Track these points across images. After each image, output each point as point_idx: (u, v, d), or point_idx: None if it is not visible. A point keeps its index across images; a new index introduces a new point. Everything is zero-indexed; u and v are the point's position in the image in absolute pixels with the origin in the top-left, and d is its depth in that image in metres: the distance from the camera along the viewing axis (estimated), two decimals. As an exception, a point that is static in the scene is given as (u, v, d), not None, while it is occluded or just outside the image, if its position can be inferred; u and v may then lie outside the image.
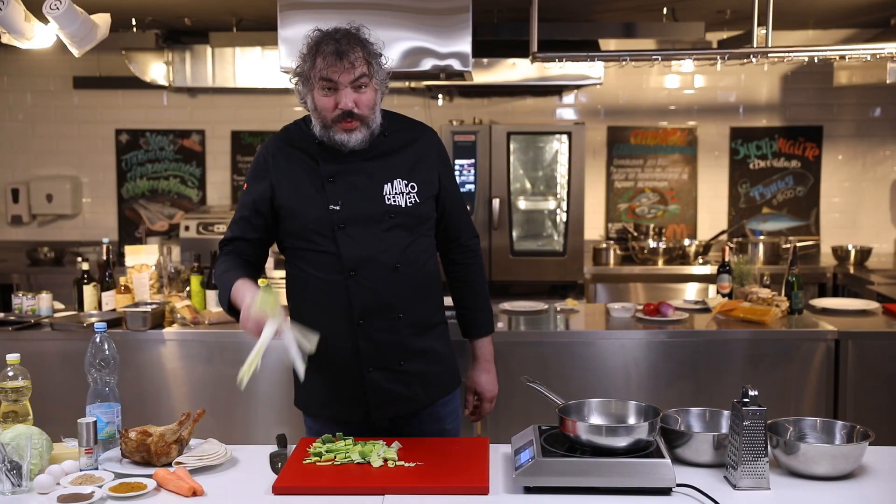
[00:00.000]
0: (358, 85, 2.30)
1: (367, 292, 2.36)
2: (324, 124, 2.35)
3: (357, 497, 1.99)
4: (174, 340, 3.78)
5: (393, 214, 2.37)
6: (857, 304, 4.29)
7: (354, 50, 2.30)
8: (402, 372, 2.43)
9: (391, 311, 2.38)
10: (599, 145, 6.21)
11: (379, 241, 2.36)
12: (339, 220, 2.35)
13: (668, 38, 5.52)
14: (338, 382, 2.43)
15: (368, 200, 2.37)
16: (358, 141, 2.35)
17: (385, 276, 2.36)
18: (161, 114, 6.34)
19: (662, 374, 3.78)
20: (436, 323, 2.51)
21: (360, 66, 2.29)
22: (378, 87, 2.36)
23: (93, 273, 4.10)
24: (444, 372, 2.53)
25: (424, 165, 2.45)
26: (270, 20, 5.10)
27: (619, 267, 5.68)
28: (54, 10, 3.20)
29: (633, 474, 1.98)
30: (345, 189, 2.37)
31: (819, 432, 2.22)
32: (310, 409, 2.52)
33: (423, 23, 3.86)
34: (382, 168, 2.40)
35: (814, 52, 4.20)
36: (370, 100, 2.33)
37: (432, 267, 2.49)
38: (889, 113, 6.12)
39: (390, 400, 2.43)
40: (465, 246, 2.60)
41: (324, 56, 2.29)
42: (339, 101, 2.30)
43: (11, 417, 2.26)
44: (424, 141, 2.49)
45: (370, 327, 2.38)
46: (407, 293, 2.40)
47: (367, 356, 2.40)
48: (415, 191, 2.40)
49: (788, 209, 6.20)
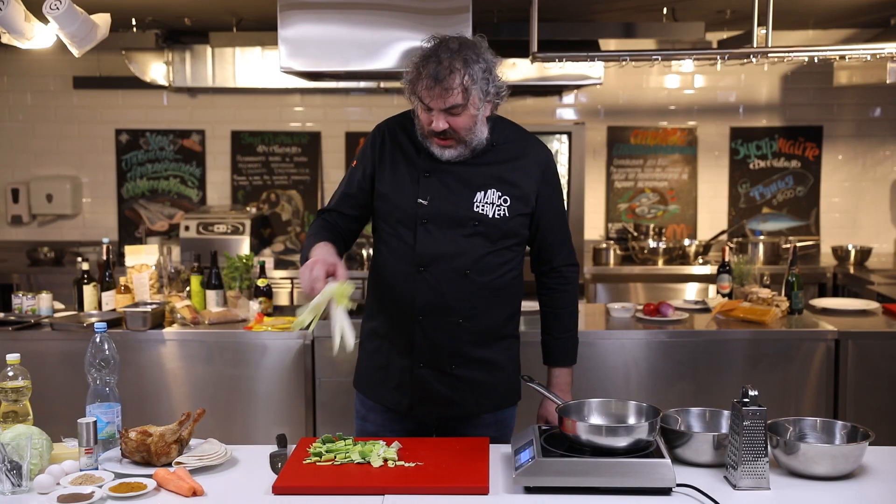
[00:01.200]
0: (452, 112, 2.29)
1: (431, 290, 2.38)
2: (421, 134, 2.39)
3: (357, 497, 1.99)
4: (174, 340, 3.78)
5: (477, 222, 2.38)
6: (857, 304, 4.29)
7: (452, 77, 2.25)
8: (453, 376, 2.43)
9: (452, 314, 2.39)
10: (599, 145, 6.21)
11: (456, 244, 2.37)
12: (423, 214, 2.38)
13: (668, 38, 5.52)
14: (390, 369, 2.47)
15: (457, 203, 2.38)
16: (452, 156, 2.37)
17: (453, 279, 2.37)
18: (161, 114, 6.34)
19: (662, 374, 3.78)
20: (504, 336, 2.50)
21: (454, 97, 2.27)
22: (478, 110, 2.32)
23: (93, 273, 4.10)
24: (500, 384, 2.51)
25: (524, 181, 2.43)
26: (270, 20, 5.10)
27: (619, 267, 5.68)
28: (54, 10, 3.20)
29: (633, 474, 1.98)
30: (437, 187, 2.39)
31: (819, 432, 2.22)
32: (361, 387, 2.56)
33: (423, 23, 3.86)
34: (479, 175, 2.40)
35: (814, 52, 4.20)
36: (466, 123, 2.31)
37: (510, 281, 2.46)
38: (889, 113, 6.12)
39: (435, 399, 2.44)
40: (558, 271, 2.57)
41: (423, 77, 2.28)
42: (433, 122, 2.31)
43: (11, 417, 2.26)
44: (531, 157, 2.46)
45: (428, 325, 2.40)
46: (472, 301, 2.40)
47: (421, 352, 2.42)
48: (506, 204, 2.40)
49: (788, 209, 6.20)
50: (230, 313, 3.92)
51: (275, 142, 6.29)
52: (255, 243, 5.70)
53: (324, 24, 3.88)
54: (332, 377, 3.79)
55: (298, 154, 6.27)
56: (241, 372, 3.78)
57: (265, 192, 6.28)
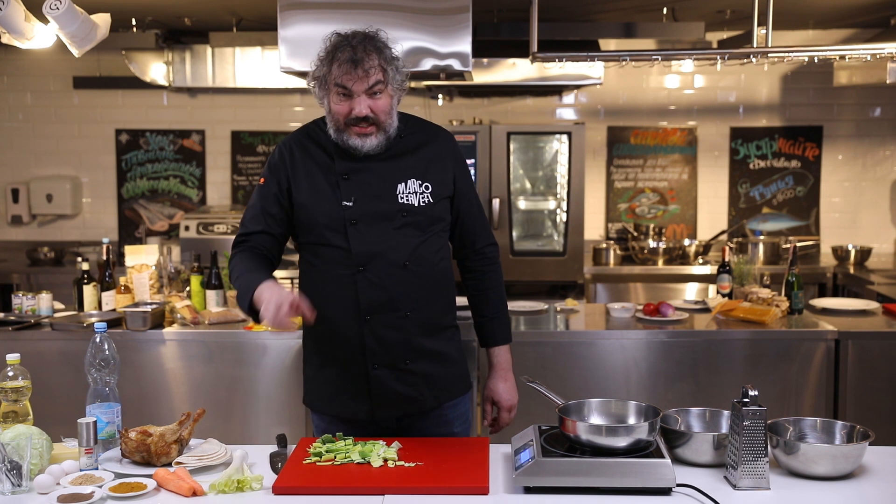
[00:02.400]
0: (373, 92, 2.32)
1: (374, 288, 2.37)
2: (338, 128, 2.37)
3: (357, 497, 1.99)
4: (174, 340, 3.78)
5: (405, 213, 2.39)
6: (857, 304, 4.29)
7: (370, 57, 2.30)
8: (408, 371, 2.43)
9: (398, 308, 2.39)
10: (599, 145, 6.21)
11: (389, 239, 2.38)
12: (350, 216, 2.37)
13: (668, 38, 5.52)
14: (343, 378, 2.44)
15: (381, 198, 2.39)
16: (373, 146, 2.37)
17: (393, 273, 2.37)
18: (161, 114, 6.34)
19: (662, 374, 3.77)
20: (446, 325, 2.51)
21: (375, 74, 2.30)
22: (394, 93, 2.37)
23: (93, 273, 4.10)
24: (452, 375, 2.52)
25: (439, 166, 2.45)
26: (270, 20, 5.11)
27: (619, 267, 5.68)
28: (54, 10, 3.20)
29: (633, 474, 1.98)
30: (358, 186, 2.39)
31: (819, 432, 2.21)
32: (315, 404, 2.52)
33: (423, 23, 3.86)
34: (396, 168, 2.41)
35: (814, 52, 4.20)
36: (385, 105, 2.34)
37: (444, 268, 2.48)
38: (889, 113, 6.12)
39: (395, 399, 2.43)
40: (481, 252, 2.58)
41: (339, 63, 2.30)
42: (354, 108, 2.32)
43: (11, 417, 2.26)
44: (440, 142, 2.50)
45: (377, 324, 2.39)
46: (415, 291, 2.40)
47: (373, 353, 2.40)
48: (428, 191, 2.41)
49: (788, 209, 6.20)
50: (230, 313, 3.92)
51: (275, 142, 6.28)
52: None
53: (324, 24, 3.88)
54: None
55: (298, 154, 6.26)
56: (241, 372, 3.78)
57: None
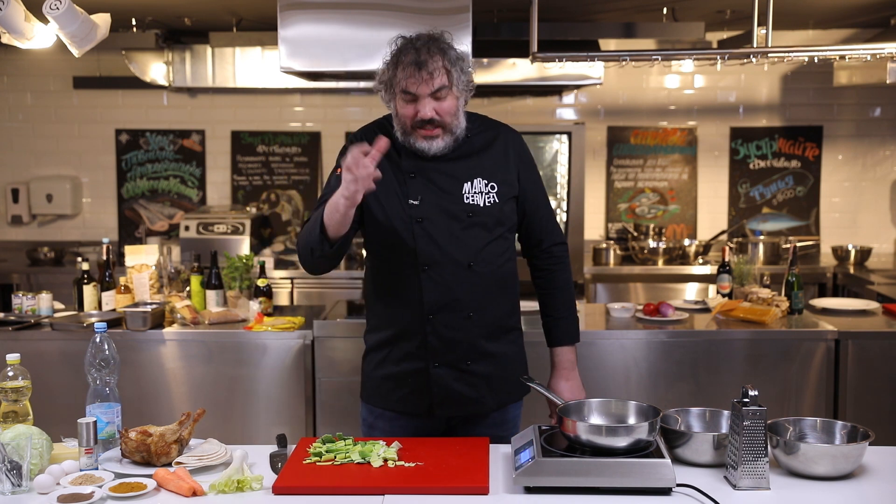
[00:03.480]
0: (438, 94, 2.31)
1: (438, 287, 2.37)
2: (404, 131, 2.37)
3: (357, 497, 1.99)
4: (174, 340, 3.78)
5: (471, 213, 2.38)
6: (857, 304, 4.29)
7: (434, 59, 2.29)
8: (469, 372, 2.43)
9: (462, 308, 2.39)
10: (599, 145, 6.21)
11: (455, 239, 2.37)
12: (417, 214, 2.37)
13: (668, 38, 5.52)
14: (404, 373, 2.45)
15: (447, 198, 2.38)
16: (440, 148, 2.36)
17: (458, 273, 2.37)
18: (161, 114, 6.34)
19: (662, 374, 3.78)
20: (510, 328, 2.51)
21: (440, 78, 2.29)
22: (460, 94, 2.36)
23: (93, 273, 4.10)
24: (513, 378, 2.50)
25: (504, 165, 2.45)
26: (270, 20, 5.11)
27: (619, 267, 5.68)
28: (54, 10, 3.20)
29: (633, 474, 1.98)
30: (424, 185, 2.38)
31: (819, 432, 2.21)
32: (373, 399, 2.52)
33: (423, 23, 3.86)
34: (463, 168, 2.41)
35: (814, 52, 4.20)
36: (451, 107, 2.33)
37: (510, 270, 2.48)
38: (889, 113, 6.12)
39: (455, 399, 2.44)
40: (548, 251, 2.57)
41: (403, 66, 2.29)
42: (419, 111, 2.31)
43: (11, 417, 2.26)
44: (503, 140, 2.49)
45: (440, 323, 2.39)
46: (479, 292, 2.40)
47: (435, 352, 2.41)
48: (494, 191, 2.41)
49: (788, 209, 6.20)
50: (230, 313, 3.92)
51: (275, 142, 6.29)
52: (255, 243, 5.70)
53: (324, 24, 3.89)
54: (332, 377, 3.79)
55: (298, 154, 6.27)
56: (241, 372, 3.78)
57: (265, 192, 6.28)
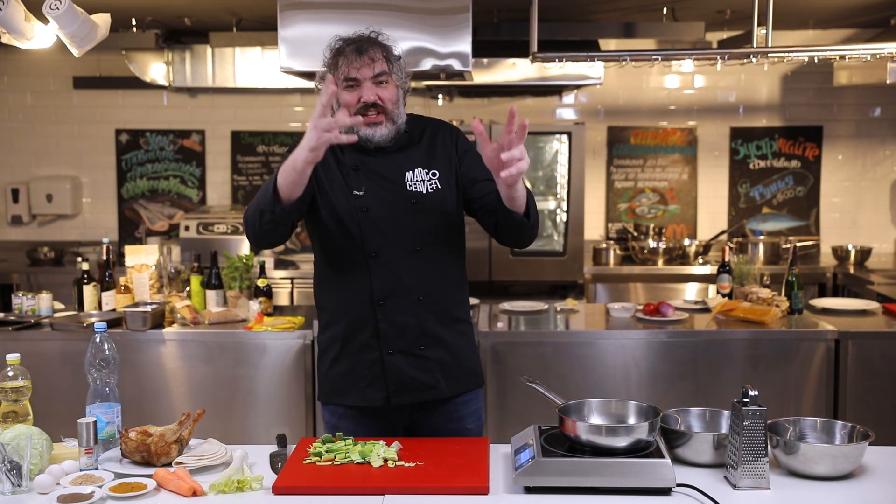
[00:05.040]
0: (379, 81, 2.38)
1: (386, 274, 2.41)
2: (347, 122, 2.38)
3: (357, 497, 1.99)
4: (174, 340, 3.78)
5: (415, 200, 2.43)
6: (857, 304, 4.29)
7: (374, 48, 2.40)
8: (423, 357, 2.45)
9: (411, 292, 2.42)
10: (599, 145, 6.21)
11: (400, 225, 2.42)
12: (361, 204, 2.42)
13: (668, 38, 5.52)
14: (359, 367, 2.46)
15: (390, 187, 2.43)
16: (383, 136, 2.42)
17: (405, 259, 2.42)
18: (161, 114, 6.34)
19: (662, 374, 3.78)
20: (459, 318, 2.53)
21: (380, 64, 2.39)
22: (399, 85, 2.44)
23: (93, 273, 4.10)
24: (466, 367, 2.53)
25: (443, 153, 2.50)
26: (270, 20, 5.11)
27: (619, 267, 5.68)
28: (54, 10, 3.20)
29: (633, 474, 1.98)
30: (367, 177, 2.44)
31: (819, 432, 2.22)
32: (331, 398, 2.53)
33: (423, 23, 3.86)
34: (404, 159, 2.47)
35: (814, 52, 4.20)
36: (392, 94, 2.41)
37: (456, 258, 2.53)
38: (889, 113, 6.12)
39: (411, 385, 2.45)
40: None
41: (345, 55, 2.39)
42: (362, 95, 2.38)
43: (11, 417, 2.26)
44: (443, 132, 2.54)
45: (390, 308, 2.42)
46: (428, 276, 2.44)
47: (388, 338, 2.43)
48: (436, 177, 2.46)
49: (788, 209, 6.20)
50: (230, 313, 3.92)
51: (275, 142, 6.29)
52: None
53: (324, 24, 3.88)
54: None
55: (298, 154, 6.26)
56: (241, 372, 3.78)
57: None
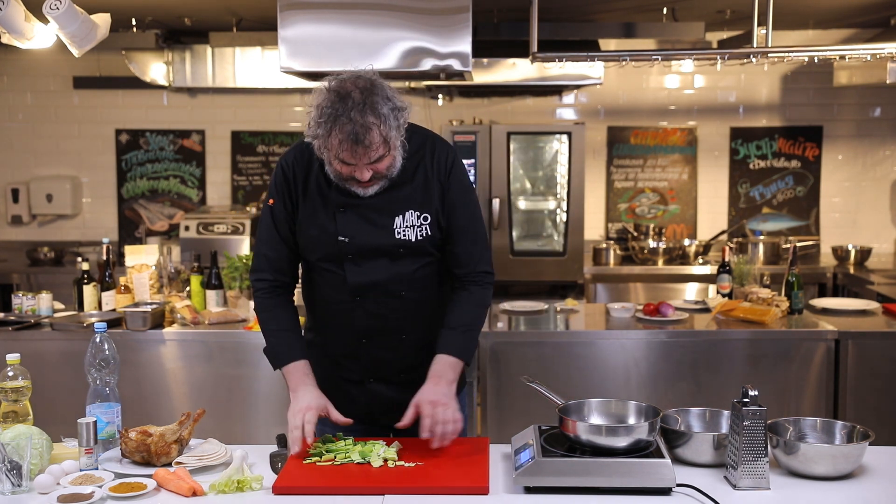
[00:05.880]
0: (375, 162, 2.22)
1: (371, 316, 2.38)
2: (339, 179, 2.29)
3: (357, 497, 1.99)
4: (174, 340, 3.78)
5: (402, 248, 2.35)
6: (857, 304, 4.29)
7: (371, 133, 2.16)
8: (403, 382, 2.43)
9: (394, 333, 2.40)
10: (599, 145, 6.21)
11: (385, 271, 2.35)
12: (347, 250, 2.35)
13: (668, 38, 5.52)
14: (340, 389, 2.45)
15: (378, 233, 2.34)
16: (374, 191, 2.30)
17: (389, 303, 2.37)
18: (161, 114, 6.34)
19: (662, 374, 3.77)
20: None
21: (377, 150, 2.19)
22: (396, 146, 2.25)
23: (93, 273, 4.10)
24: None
25: (432, 188, 2.36)
26: (270, 20, 5.11)
27: (619, 267, 5.68)
28: (54, 10, 3.20)
29: (633, 474, 1.98)
30: (355, 221, 2.34)
31: (819, 432, 2.21)
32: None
33: (423, 23, 3.86)
34: (394, 200, 2.34)
35: (814, 52, 4.20)
36: (388, 163, 2.25)
37: (438, 292, 2.44)
38: (889, 113, 6.12)
39: (393, 406, 2.42)
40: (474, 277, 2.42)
41: (340, 137, 2.16)
42: (356, 173, 2.23)
43: (11, 417, 2.26)
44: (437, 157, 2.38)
45: (373, 346, 2.41)
46: (412, 317, 2.40)
47: (368, 370, 2.43)
48: (426, 222, 2.35)
49: (788, 209, 6.20)
50: (230, 313, 3.92)
51: (275, 142, 6.29)
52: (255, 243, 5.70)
53: (324, 24, 3.88)
54: (332, 377, 3.79)
55: (298, 154, 6.26)
56: (241, 372, 3.78)
57: (265, 192, 6.27)
